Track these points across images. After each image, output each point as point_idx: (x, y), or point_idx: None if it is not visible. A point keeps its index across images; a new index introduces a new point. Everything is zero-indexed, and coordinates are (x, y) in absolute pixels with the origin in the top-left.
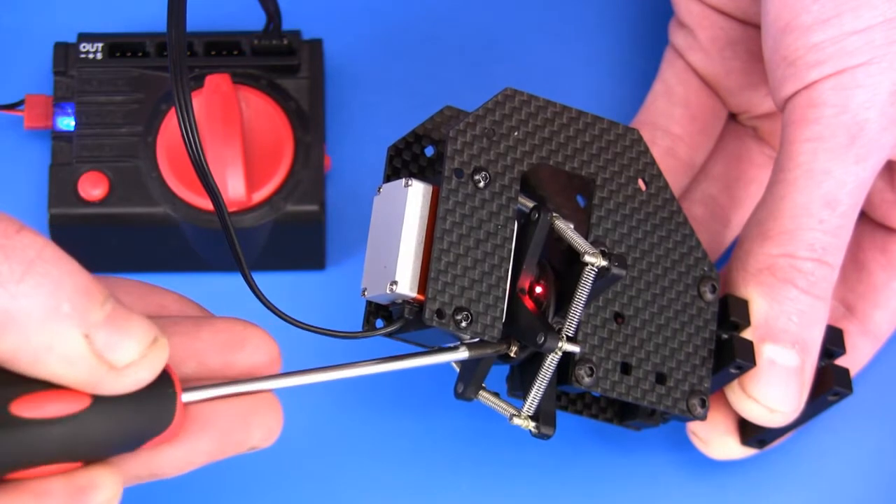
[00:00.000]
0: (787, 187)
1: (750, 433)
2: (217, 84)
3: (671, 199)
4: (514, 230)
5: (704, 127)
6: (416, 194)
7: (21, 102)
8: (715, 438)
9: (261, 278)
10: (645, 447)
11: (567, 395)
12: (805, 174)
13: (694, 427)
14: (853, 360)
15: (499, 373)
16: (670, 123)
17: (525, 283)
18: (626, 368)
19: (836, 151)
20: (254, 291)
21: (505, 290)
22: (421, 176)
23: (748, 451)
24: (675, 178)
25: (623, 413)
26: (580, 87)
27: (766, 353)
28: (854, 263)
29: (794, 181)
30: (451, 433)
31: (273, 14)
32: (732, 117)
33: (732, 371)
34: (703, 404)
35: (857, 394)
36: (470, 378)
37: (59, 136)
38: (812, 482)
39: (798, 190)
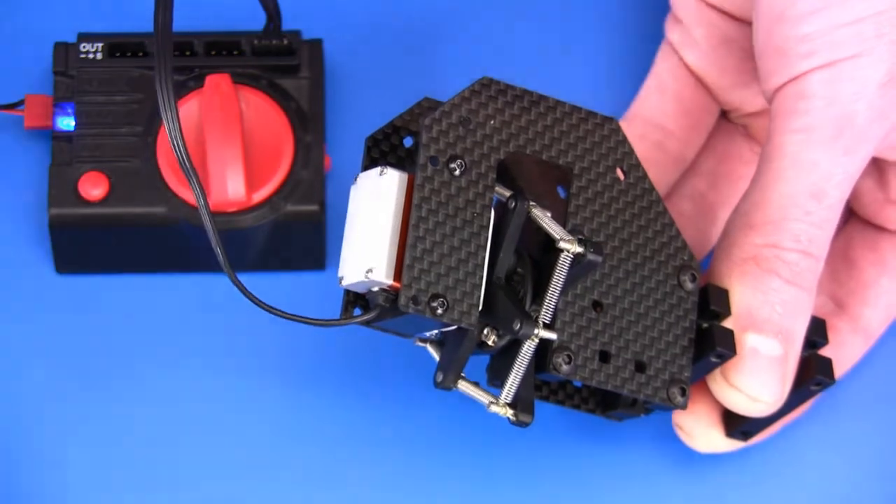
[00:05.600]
0: (774, 178)
1: (734, 425)
2: (217, 84)
3: (650, 188)
4: (490, 219)
5: (696, 122)
6: (391, 182)
7: (21, 102)
8: (699, 431)
9: (261, 278)
10: (630, 440)
11: (548, 386)
12: (792, 165)
13: (678, 420)
14: (844, 357)
15: (479, 365)
16: (661, 118)
17: (502, 271)
18: (605, 357)
19: (825, 143)
20: (227, 273)
21: (482, 277)
22: (398, 165)
23: (733, 444)
24: (664, 173)
25: (605, 403)
26: (579, 84)
27: (749, 342)
28: (844, 260)
29: (781, 172)
30: (434, 427)
31: (273, 14)
32: (723, 115)
33: (713, 360)
34: (684, 393)
35: (848, 390)
36: (449, 367)
37: (59, 136)
38: (800, 478)
39: (785, 181)
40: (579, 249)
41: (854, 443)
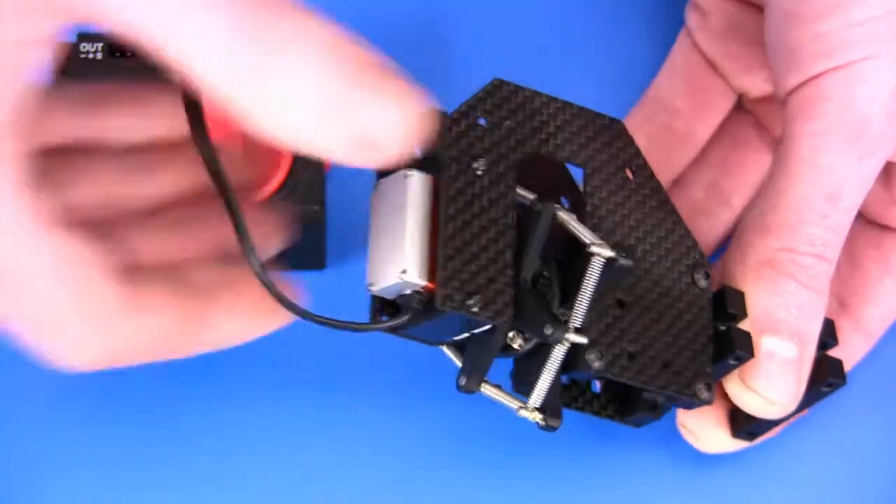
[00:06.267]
0: (789, 181)
1: (740, 425)
2: None
3: (658, 188)
4: (514, 219)
5: (705, 101)
6: (416, 184)
7: None
8: (705, 431)
9: None
10: (634, 442)
11: (569, 392)
12: (808, 168)
13: (684, 420)
14: (846, 356)
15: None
16: (669, 96)
17: (528, 274)
18: (631, 355)
19: (840, 146)
20: (260, 278)
21: (511, 276)
22: (419, 168)
23: (739, 444)
24: (673, 151)
25: (623, 409)
26: (588, 85)
27: (766, 344)
28: (849, 259)
29: (797, 175)
30: (438, 428)
31: None
32: (738, 104)
33: (731, 362)
34: (709, 388)
35: (849, 390)
36: (473, 370)
37: None
38: (801, 478)
39: (800, 184)
40: (611, 254)
41: (855, 443)
